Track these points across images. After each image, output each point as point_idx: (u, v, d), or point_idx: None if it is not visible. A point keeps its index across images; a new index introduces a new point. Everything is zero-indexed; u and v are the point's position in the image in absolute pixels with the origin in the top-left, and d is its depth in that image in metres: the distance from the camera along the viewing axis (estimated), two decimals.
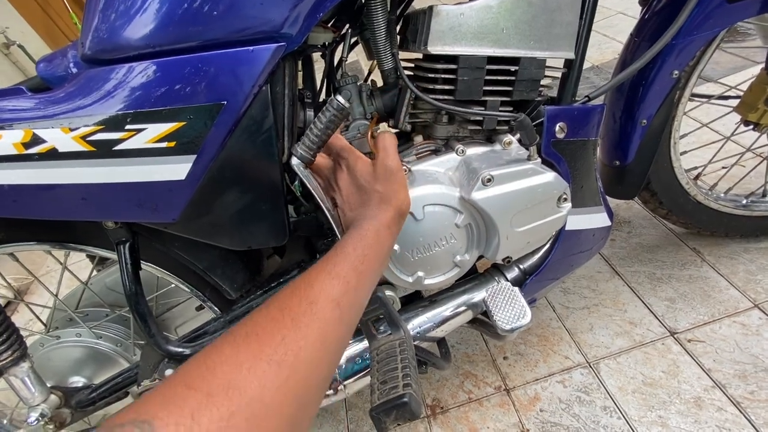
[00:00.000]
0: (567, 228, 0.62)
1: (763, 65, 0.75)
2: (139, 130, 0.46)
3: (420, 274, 0.60)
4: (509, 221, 0.54)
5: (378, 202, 0.47)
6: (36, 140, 0.45)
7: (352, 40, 0.65)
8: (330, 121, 0.48)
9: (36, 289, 1.61)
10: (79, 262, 1.35)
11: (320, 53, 0.65)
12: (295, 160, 0.50)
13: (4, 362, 0.60)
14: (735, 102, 0.85)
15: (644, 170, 0.84)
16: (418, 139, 0.66)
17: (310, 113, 0.62)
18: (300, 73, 0.63)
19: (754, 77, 0.78)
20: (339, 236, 0.55)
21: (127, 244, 0.58)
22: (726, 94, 0.88)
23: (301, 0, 0.45)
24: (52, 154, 0.46)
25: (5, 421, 0.88)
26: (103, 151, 0.46)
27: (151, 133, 0.46)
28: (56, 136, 0.45)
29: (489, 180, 0.52)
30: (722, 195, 0.97)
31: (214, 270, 0.68)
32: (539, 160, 0.54)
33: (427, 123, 0.65)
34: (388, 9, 0.58)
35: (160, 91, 0.45)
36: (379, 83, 0.68)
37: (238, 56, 0.46)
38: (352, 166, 0.50)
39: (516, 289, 0.59)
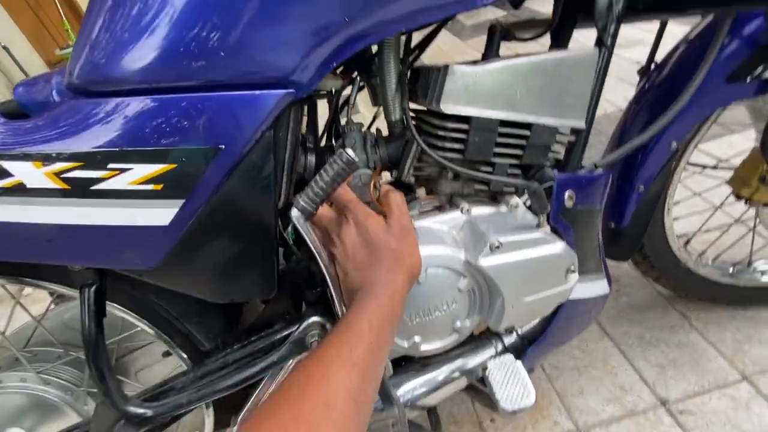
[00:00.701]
0: (569, 297, 0.60)
1: (756, 143, 0.77)
2: (123, 170, 0.42)
3: (416, 339, 0.55)
4: (516, 290, 0.51)
5: (391, 264, 0.44)
6: (2, 173, 0.40)
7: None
8: (337, 174, 0.45)
9: None
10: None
11: (325, 98, 0.63)
12: (295, 212, 0.46)
13: None
14: (725, 172, 0.88)
15: (639, 234, 0.84)
16: (421, 192, 0.63)
17: (312, 159, 0.59)
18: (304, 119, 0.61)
19: (747, 152, 0.81)
20: (333, 294, 0.50)
21: (93, 288, 0.52)
22: (720, 165, 0.91)
23: (315, 48, 0.43)
24: (18, 190, 0.40)
25: None
26: (79, 190, 0.41)
27: (137, 174, 0.42)
28: (26, 170, 0.40)
29: (497, 247, 0.49)
30: (710, 262, 0.98)
31: (189, 317, 0.62)
32: (548, 228, 0.52)
33: (430, 177, 0.62)
34: (400, 61, 0.57)
35: (152, 129, 0.41)
36: (383, 130, 0.66)
37: (242, 100, 0.43)
38: (362, 222, 0.46)
39: (519, 363, 0.56)
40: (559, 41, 0.66)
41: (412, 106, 0.59)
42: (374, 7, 0.42)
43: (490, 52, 0.58)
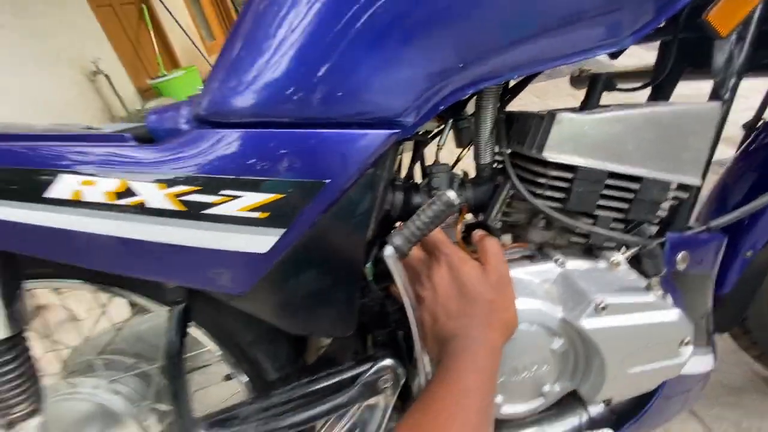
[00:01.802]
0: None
1: None
2: (234, 197, 0.43)
3: (499, 399, 0.51)
4: (621, 359, 0.46)
5: (487, 316, 0.41)
6: (128, 192, 0.43)
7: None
8: (436, 216, 0.44)
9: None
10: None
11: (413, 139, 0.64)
12: (389, 250, 0.45)
13: (17, 415, 0.53)
14: None
15: (744, 305, 0.75)
16: (506, 239, 0.61)
17: (399, 196, 0.59)
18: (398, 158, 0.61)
19: None
20: (416, 338, 0.48)
21: (181, 307, 0.53)
22: None
23: (428, 92, 0.44)
24: (139, 209, 0.43)
25: None
26: (193, 212, 0.43)
27: (246, 202, 0.43)
28: (149, 191, 0.43)
29: (603, 308, 0.45)
30: None
31: (259, 345, 0.62)
32: (661, 292, 0.47)
33: (518, 223, 0.60)
34: (498, 106, 0.56)
35: (265, 161, 0.43)
36: (468, 172, 0.65)
37: (350, 138, 0.44)
38: (456, 266, 0.44)
39: None
40: (662, 93, 0.63)
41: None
42: (492, 54, 0.42)
43: (592, 101, 0.56)
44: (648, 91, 0.63)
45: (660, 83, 0.61)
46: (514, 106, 0.59)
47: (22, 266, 0.52)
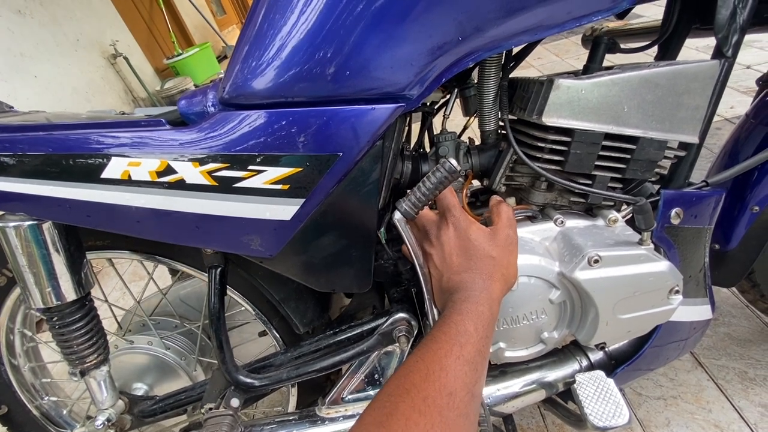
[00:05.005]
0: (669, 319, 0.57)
1: None
2: (259, 172, 0.49)
3: (501, 345, 0.57)
4: (612, 307, 0.51)
5: (490, 271, 0.46)
6: (168, 170, 0.49)
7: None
8: (440, 182, 0.48)
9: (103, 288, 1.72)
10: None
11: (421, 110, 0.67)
12: (398, 215, 0.50)
13: (88, 365, 0.63)
14: None
15: (749, 259, 0.76)
16: (510, 201, 0.64)
17: (408, 165, 0.63)
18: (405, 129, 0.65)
19: None
20: (425, 292, 0.54)
21: (219, 270, 0.61)
22: None
23: (429, 66, 0.47)
24: (180, 185, 0.49)
25: (65, 412, 0.92)
26: (224, 186, 0.49)
27: (270, 176, 0.49)
28: (186, 169, 0.49)
29: (596, 261, 0.49)
30: None
31: (288, 302, 0.69)
32: (652, 246, 0.50)
33: (522, 187, 0.63)
34: (501, 74, 0.58)
35: (285, 138, 0.48)
36: (475, 139, 0.68)
37: (360, 113, 0.48)
38: (463, 228, 0.49)
39: (611, 380, 0.55)
40: (668, 52, 0.63)
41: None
42: (488, 26, 0.45)
43: (594, 64, 0.57)
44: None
45: (666, 41, 0.62)
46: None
47: (83, 240, 0.60)
